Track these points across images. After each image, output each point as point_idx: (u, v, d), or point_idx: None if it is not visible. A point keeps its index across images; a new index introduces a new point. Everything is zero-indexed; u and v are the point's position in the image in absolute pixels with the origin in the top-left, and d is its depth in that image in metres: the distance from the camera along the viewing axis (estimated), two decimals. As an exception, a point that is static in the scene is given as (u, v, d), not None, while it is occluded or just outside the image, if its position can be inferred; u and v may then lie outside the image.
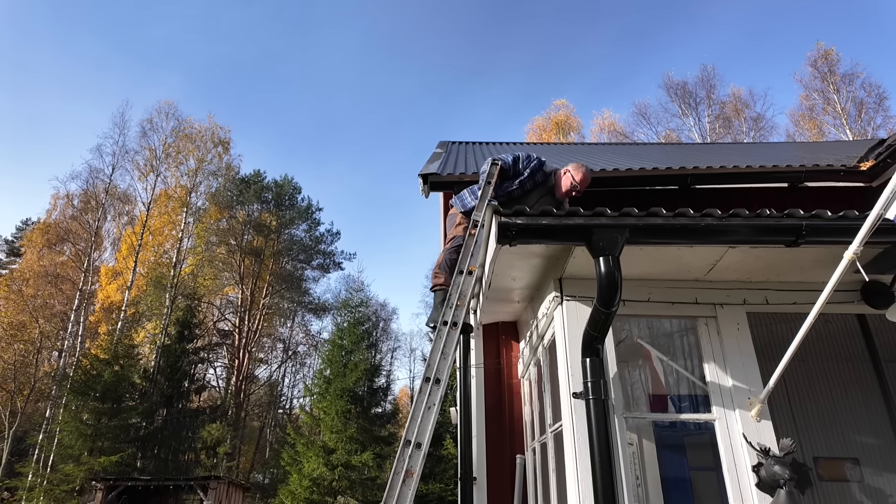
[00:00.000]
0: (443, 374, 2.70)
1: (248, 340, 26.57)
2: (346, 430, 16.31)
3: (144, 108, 44.77)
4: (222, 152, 28.10)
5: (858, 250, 2.11)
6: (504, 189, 3.83)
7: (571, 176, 3.83)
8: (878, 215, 2.04)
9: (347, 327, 18.99)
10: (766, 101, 29.64)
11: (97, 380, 17.03)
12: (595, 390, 2.62)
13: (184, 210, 25.66)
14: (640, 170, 4.97)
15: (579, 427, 2.67)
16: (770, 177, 5.11)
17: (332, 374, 17.76)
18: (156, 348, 22.04)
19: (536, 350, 3.86)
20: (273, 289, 28.77)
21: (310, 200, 31.10)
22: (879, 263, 2.88)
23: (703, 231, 2.56)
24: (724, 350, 2.92)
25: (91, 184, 25.04)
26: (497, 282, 3.60)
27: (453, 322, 2.92)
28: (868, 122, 23.86)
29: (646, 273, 3.04)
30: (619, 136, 27.98)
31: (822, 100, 24.90)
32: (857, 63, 29.25)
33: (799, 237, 2.55)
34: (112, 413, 16.98)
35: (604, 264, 2.48)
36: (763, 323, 3.21)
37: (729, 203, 5.32)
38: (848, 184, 5.16)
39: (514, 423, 4.46)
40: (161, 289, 23.69)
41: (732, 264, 2.93)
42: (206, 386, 25.00)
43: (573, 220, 2.60)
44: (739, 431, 2.74)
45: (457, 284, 3.07)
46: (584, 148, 10.65)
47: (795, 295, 3.03)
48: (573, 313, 2.97)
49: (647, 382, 3.70)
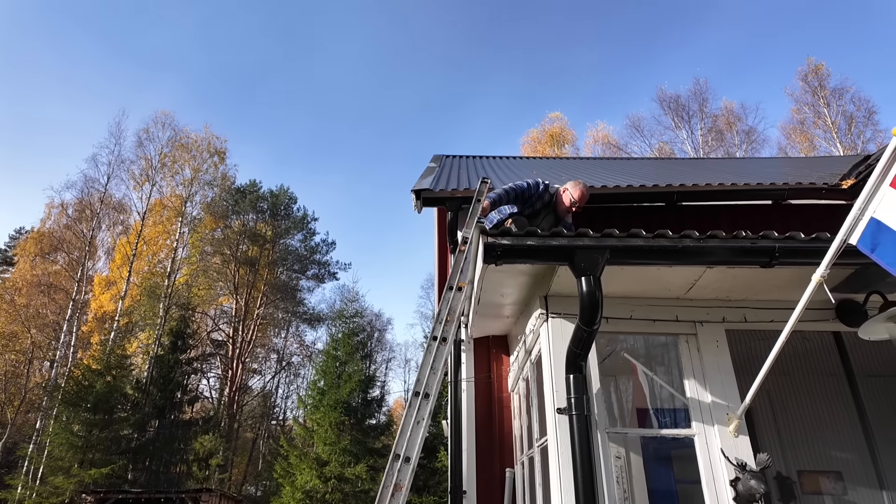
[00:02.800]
0: (432, 388, 2.76)
1: (242, 351, 26.47)
2: (340, 442, 16.26)
3: (141, 118, 45.04)
4: (218, 162, 28.21)
5: (825, 273, 2.21)
6: (522, 212, 4.22)
7: (570, 194, 4.19)
8: (843, 240, 2.14)
9: (342, 338, 18.99)
10: (758, 115, 29.82)
11: (89, 390, 16.93)
12: (578, 406, 2.70)
13: (179, 220, 25.68)
14: (627, 187, 5.08)
15: (563, 442, 2.75)
16: (754, 194, 5.24)
17: (326, 386, 17.73)
18: (149, 359, 21.93)
19: (524, 365, 3.93)
20: (267, 299, 28.72)
21: (305, 210, 31.20)
22: (852, 283, 2.99)
23: (682, 252, 2.66)
24: (703, 367, 3.01)
25: (86, 193, 25.06)
26: (486, 298, 3.69)
27: (443, 337, 2.99)
28: (858, 135, 24.23)
29: (628, 291, 3.14)
30: (613, 149, 28.26)
31: (813, 113, 25.28)
32: (847, 78, 29.73)
33: (773, 258, 2.65)
34: (103, 424, 16.86)
35: (585, 284, 2.57)
36: (742, 340, 3.30)
37: (716, 219, 5.46)
38: (830, 201, 5.30)
39: (504, 437, 4.52)
40: (155, 299, 23.63)
41: (711, 283, 3.03)
42: (199, 397, 24.84)
43: (556, 241, 2.70)
44: (718, 446, 2.82)
45: (446, 300, 3.14)
46: (576, 162, 10.81)
47: (773, 313, 3.13)
48: (558, 330, 3.05)
49: (628, 398, 3.79)
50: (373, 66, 64.24)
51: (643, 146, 28.25)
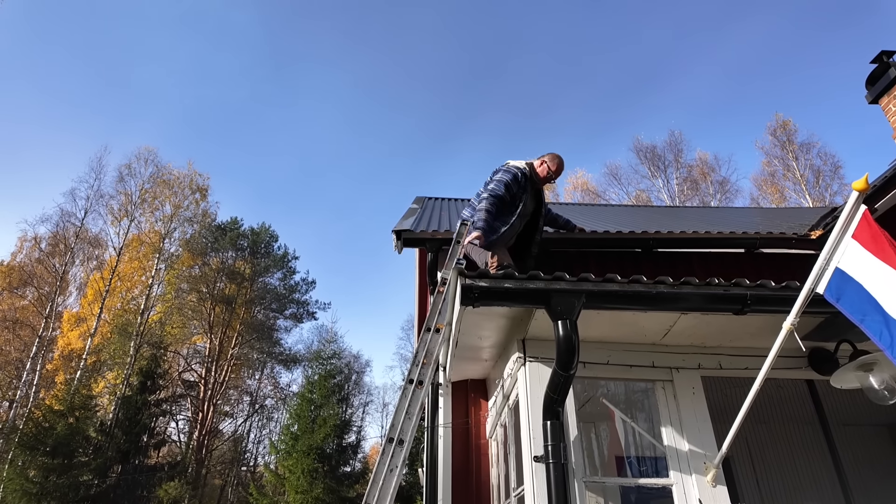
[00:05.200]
0: (407, 434, 2.68)
1: (214, 392, 25.61)
2: (312, 491, 15.60)
3: (123, 153, 44.77)
4: (200, 199, 28.06)
5: (795, 321, 2.25)
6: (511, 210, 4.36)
7: (548, 167, 4.53)
8: (811, 289, 2.19)
9: (318, 380, 18.51)
10: (731, 166, 31.20)
11: (49, 433, 16.09)
12: (555, 454, 2.65)
13: (156, 256, 25.25)
14: (604, 232, 5.17)
15: (539, 492, 2.68)
16: (728, 243, 5.36)
17: (300, 430, 17.14)
18: (115, 399, 21.05)
19: (502, 410, 3.87)
20: (243, 338, 28.05)
21: (286, 248, 30.96)
22: (823, 331, 3.04)
23: (656, 298, 2.69)
24: (680, 414, 3.00)
25: (61, 227, 24.60)
26: (464, 340, 3.65)
27: (419, 380, 2.93)
28: (826, 188, 25.24)
29: (605, 336, 3.14)
30: (592, 195, 28.91)
31: (783, 166, 26.34)
32: (813, 134, 31.28)
33: (745, 306, 2.69)
34: (62, 469, 15.96)
35: (562, 327, 2.57)
36: (718, 387, 3.31)
37: (690, 266, 5.56)
38: (800, 251, 5.45)
39: (481, 486, 4.39)
40: (126, 336, 22.90)
41: (686, 329, 3.05)
42: (166, 440, 23.76)
43: (534, 284, 2.71)
44: (696, 497, 2.78)
45: (424, 342, 3.10)
46: (556, 207, 10.99)
47: (747, 360, 3.16)
48: (535, 375, 3.03)
49: (607, 445, 3.73)
50: (358, 105, 65.50)
51: (621, 193, 29.00)
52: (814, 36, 46.51)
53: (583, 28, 54.21)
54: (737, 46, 47.54)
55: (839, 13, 43.54)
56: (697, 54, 50.39)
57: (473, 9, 56.34)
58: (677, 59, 50.98)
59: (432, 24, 58.40)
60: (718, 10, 47.25)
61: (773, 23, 45.83)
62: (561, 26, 53.69)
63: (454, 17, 57.68)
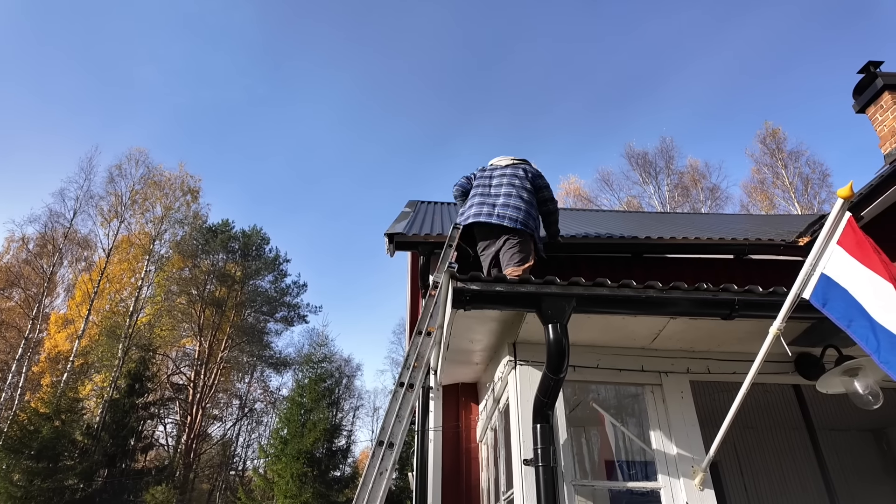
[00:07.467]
0: (397, 437, 2.68)
1: (203, 396, 25.39)
2: (302, 496, 15.49)
3: (114, 154, 44.44)
4: (191, 200, 27.89)
5: (782, 326, 2.28)
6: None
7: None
8: (797, 294, 2.22)
9: (308, 384, 18.40)
10: (721, 173, 31.61)
11: (34, 436, 15.88)
12: (545, 457, 2.66)
13: (146, 258, 25.04)
14: (595, 237, 5.21)
15: (528, 495, 2.68)
16: (716, 248, 5.42)
17: (290, 434, 17.03)
18: (103, 402, 20.81)
19: (493, 414, 3.88)
20: (233, 341, 27.86)
21: (278, 251, 30.84)
22: (810, 337, 3.08)
23: (645, 302, 2.72)
24: (669, 418, 3.02)
25: (50, 227, 24.35)
26: (456, 343, 3.66)
27: (410, 384, 2.93)
28: (814, 195, 25.55)
29: (595, 340, 3.16)
30: (584, 201, 29.07)
31: (772, 174, 26.64)
32: (802, 142, 31.65)
33: (733, 311, 2.72)
34: (47, 473, 15.74)
35: (552, 331, 2.59)
36: (706, 392, 3.34)
37: (680, 271, 5.61)
38: (788, 258, 5.52)
39: (472, 490, 4.39)
40: (114, 339, 22.66)
41: (675, 334, 3.08)
42: (153, 444, 23.53)
43: (525, 288, 2.73)
44: (684, 500, 2.80)
45: (415, 345, 3.11)
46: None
47: (735, 365, 3.19)
48: (526, 378, 3.04)
49: (597, 449, 3.75)
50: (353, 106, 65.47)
51: (612, 199, 29.17)
52: (804, 45, 47.25)
53: (580, 28, 54.61)
54: (728, 54, 48.17)
55: (830, 22, 44.31)
56: (689, 62, 50.94)
57: (473, 9, 56.61)
58: (668, 68, 51.51)
59: (431, 27, 58.68)
60: (712, 17, 47.87)
61: (765, 31, 46.50)
62: (558, 27, 54.07)
63: (454, 18, 57.96)
